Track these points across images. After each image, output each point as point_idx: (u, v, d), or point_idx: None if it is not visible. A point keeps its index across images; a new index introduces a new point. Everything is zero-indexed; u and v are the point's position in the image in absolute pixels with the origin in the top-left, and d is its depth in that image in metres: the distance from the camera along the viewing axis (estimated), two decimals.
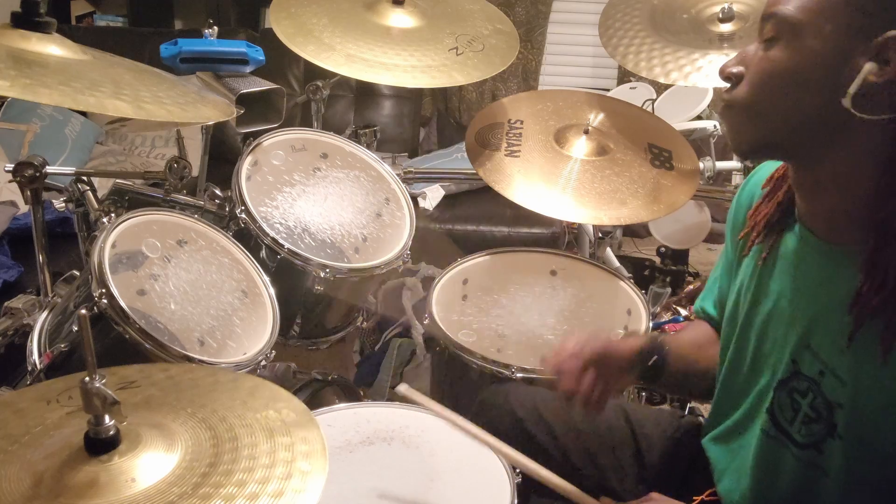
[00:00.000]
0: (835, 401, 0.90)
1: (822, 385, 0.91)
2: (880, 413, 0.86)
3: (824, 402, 0.91)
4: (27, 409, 0.87)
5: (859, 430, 0.89)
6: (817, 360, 0.92)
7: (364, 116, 3.31)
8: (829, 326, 0.90)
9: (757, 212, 1.03)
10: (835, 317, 0.89)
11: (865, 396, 0.87)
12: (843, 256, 0.89)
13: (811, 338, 0.93)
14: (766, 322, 1.00)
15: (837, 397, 0.89)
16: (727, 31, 1.79)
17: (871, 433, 0.88)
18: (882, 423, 0.87)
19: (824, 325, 0.91)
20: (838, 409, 0.89)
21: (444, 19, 1.76)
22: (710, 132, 2.06)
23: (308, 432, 0.83)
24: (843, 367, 0.89)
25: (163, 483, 0.74)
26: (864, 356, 0.86)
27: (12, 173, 1.42)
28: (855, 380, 0.88)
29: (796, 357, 0.94)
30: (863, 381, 0.87)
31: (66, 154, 2.85)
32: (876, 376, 0.86)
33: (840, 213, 0.89)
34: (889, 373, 0.85)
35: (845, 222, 0.89)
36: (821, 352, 0.91)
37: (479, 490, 1.11)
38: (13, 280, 2.14)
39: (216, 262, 1.38)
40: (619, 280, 1.68)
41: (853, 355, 0.88)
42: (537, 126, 1.77)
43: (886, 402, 0.86)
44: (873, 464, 0.89)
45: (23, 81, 1.03)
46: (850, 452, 0.89)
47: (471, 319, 1.65)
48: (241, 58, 1.60)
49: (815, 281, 0.93)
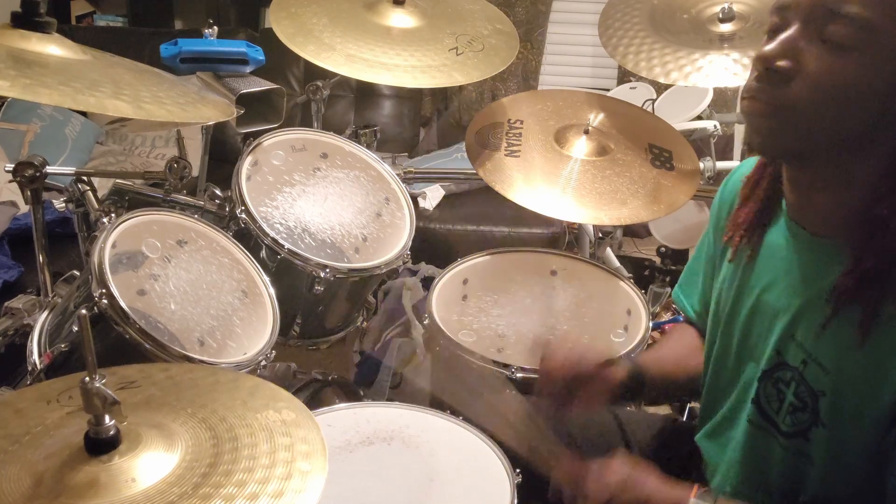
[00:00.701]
0: (818, 389, 0.90)
1: (805, 374, 0.92)
2: (861, 400, 0.87)
3: (808, 390, 0.91)
4: (28, 408, 0.87)
5: (841, 417, 0.89)
6: (801, 349, 0.92)
7: (364, 116, 3.31)
8: (814, 316, 0.91)
9: (737, 216, 1.03)
10: (819, 306, 0.90)
11: (846, 384, 0.88)
12: (833, 249, 0.89)
13: (796, 329, 0.93)
14: (751, 316, 1.01)
15: (821, 385, 0.90)
16: (727, 31, 1.79)
17: (852, 420, 0.88)
18: (862, 409, 0.87)
19: (810, 315, 0.92)
20: (822, 396, 0.90)
21: (444, 19, 1.76)
22: (710, 132, 2.06)
23: (308, 432, 0.83)
24: (826, 355, 0.89)
25: (163, 483, 0.74)
26: (844, 343, 0.87)
27: (12, 173, 1.42)
28: (836, 367, 0.88)
29: (780, 348, 0.95)
30: (844, 368, 0.88)
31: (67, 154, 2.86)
32: (856, 363, 0.86)
33: (837, 209, 0.89)
34: (868, 359, 0.85)
35: (837, 217, 0.89)
36: (805, 341, 0.92)
37: (479, 490, 1.11)
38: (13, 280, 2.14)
39: (216, 262, 1.38)
40: (619, 280, 1.68)
41: (834, 342, 0.88)
42: (537, 126, 1.77)
43: (866, 388, 0.86)
44: (855, 451, 0.89)
45: (23, 81, 1.03)
46: (833, 440, 0.90)
47: (471, 319, 1.65)
48: (241, 58, 1.60)
49: (803, 273, 0.93)
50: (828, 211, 0.90)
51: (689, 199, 1.66)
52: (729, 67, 1.70)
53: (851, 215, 0.87)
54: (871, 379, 0.85)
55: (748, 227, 1.01)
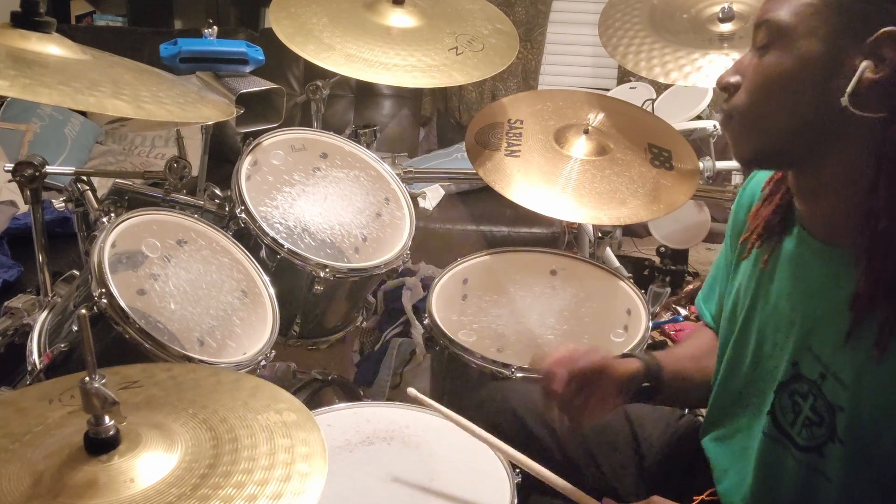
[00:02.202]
0: (836, 403, 0.89)
1: (822, 388, 0.91)
2: (880, 415, 0.86)
3: (825, 404, 0.91)
4: (29, 407, 0.87)
5: (860, 433, 0.88)
6: (818, 362, 0.91)
7: (364, 116, 3.31)
8: (830, 328, 0.90)
9: (757, 214, 1.03)
10: (835, 319, 0.89)
11: (866, 399, 0.87)
12: (842, 258, 0.89)
13: (811, 340, 0.92)
14: (766, 324, 1.00)
15: (838, 400, 0.89)
16: (727, 31, 1.79)
17: (871, 436, 0.87)
18: (882, 425, 0.86)
19: (825, 327, 0.91)
20: (840, 412, 0.89)
21: (443, 19, 1.76)
22: (710, 132, 2.06)
23: (308, 434, 0.83)
24: (844, 370, 0.88)
25: (162, 484, 0.74)
26: (863, 357, 0.86)
27: (12, 173, 1.42)
28: (856, 382, 0.87)
29: (797, 359, 0.94)
30: (863, 382, 0.87)
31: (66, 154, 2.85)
32: (876, 378, 0.85)
33: (839, 215, 0.89)
34: (887, 373, 0.84)
35: (844, 224, 0.89)
36: (822, 354, 0.91)
37: (479, 490, 1.11)
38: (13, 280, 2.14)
39: (216, 261, 1.38)
40: (618, 280, 1.68)
41: (853, 357, 0.87)
42: (537, 126, 1.77)
43: (886, 403, 0.85)
44: (873, 467, 0.88)
45: (22, 81, 1.03)
46: (851, 456, 0.89)
47: (471, 319, 1.65)
48: (241, 58, 1.60)
49: (815, 283, 0.93)
50: (834, 217, 0.90)
51: (688, 198, 1.67)
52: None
53: (853, 221, 0.87)
54: (890, 393, 0.85)
55: (766, 227, 1.01)
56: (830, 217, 0.91)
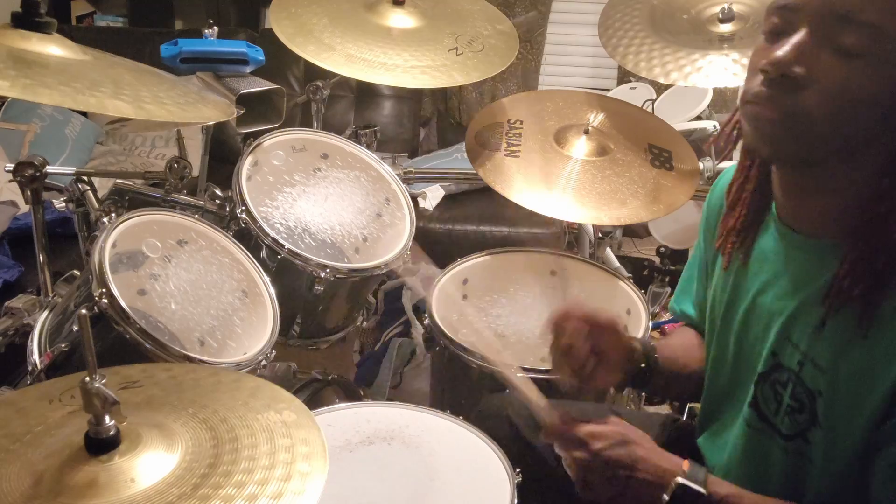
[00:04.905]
0: (815, 388, 0.90)
1: (801, 375, 0.91)
2: (856, 398, 0.87)
3: (805, 391, 0.91)
4: (30, 407, 0.87)
5: (837, 416, 0.89)
6: (797, 351, 0.92)
7: (364, 116, 3.31)
8: (810, 318, 0.90)
9: (726, 223, 1.03)
10: (815, 308, 0.89)
11: (842, 382, 0.87)
12: (826, 249, 0.89)
13: (792, 331, 0.93)
14: (746, 320, 1.01)
15: (817, 385, 0.90)
16: (727, 31, 1.79)
17: (848, 419, 0.88)
18: (857, 408, 0.87)
19: (805, 317, 0.91)
20: (819, 396, 0.90)
21: (443, 20, 1.76)
22: (710, 132, 2.06)
23: (308, 434, 0.83)
24: (822, 355, 0.89)
25: (162, 483, 0.74)
26: (841, 341, 0.87)
27: (12, 173, 1.42)
28: (833, 366, 0.88)
29: (777, 350, 0.95)
30: (840, 366, 0.87)
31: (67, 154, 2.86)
32: (852, 361, 0.86)
33: (831, 212, 0.89)
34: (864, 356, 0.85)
35: (835, 219, 0.89)
36: (801, 343, 0.92)
37: (479, 490, 1.11)
38: (13, 280, 2.14)
39: (216, 262, 1.38)
40: (618, 280, 1.69)
41: (830, 341, 0.88)
42: (537, 126, 1.77)
43: (861, 386, 0.86)
44: (852, 451, 0.89)
45: (23, 81, 1.03)
46: (830, 440, 0.90)
47: (471, 319, 1.65)
48: (241, 58, 1.60)
49: (796, 275, 0.93)
50: (822, 214, 0.90)
51: (688, 199, 1.67)
52: (728, 68, 1.70)
53: (846, 217, 0.87)
54: (865, 376, 0.85)
55: (738, 233, 1.01)
56: (818, 213, 0.90)
